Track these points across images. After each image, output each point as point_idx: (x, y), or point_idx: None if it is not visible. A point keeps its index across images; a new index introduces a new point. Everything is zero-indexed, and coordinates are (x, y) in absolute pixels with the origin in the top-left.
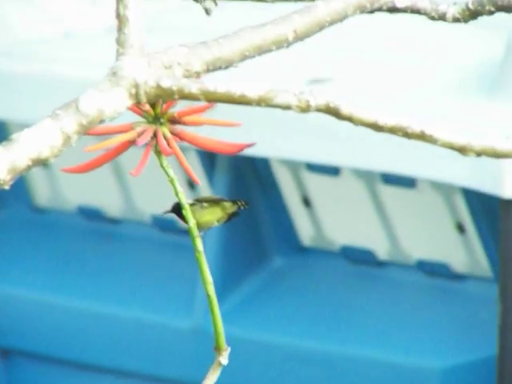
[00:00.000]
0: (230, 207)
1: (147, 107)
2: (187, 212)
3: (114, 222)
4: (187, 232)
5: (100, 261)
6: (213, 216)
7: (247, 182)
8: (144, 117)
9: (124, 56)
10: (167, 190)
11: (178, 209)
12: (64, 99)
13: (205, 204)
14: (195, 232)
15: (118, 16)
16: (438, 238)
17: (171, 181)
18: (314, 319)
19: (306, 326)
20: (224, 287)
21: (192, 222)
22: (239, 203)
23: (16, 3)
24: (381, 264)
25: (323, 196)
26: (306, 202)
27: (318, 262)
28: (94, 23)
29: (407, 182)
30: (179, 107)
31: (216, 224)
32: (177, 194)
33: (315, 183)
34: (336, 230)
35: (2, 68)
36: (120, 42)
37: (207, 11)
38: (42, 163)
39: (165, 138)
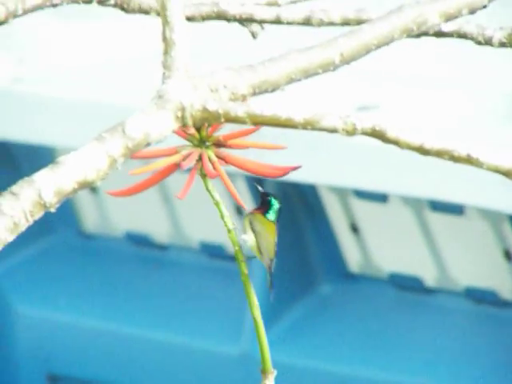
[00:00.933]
0: None
1: (193, 131)
2: (232, 235)
3: (162, 247)
4: (234, 258)
5: (148, 287)
6: None
7: (295, 208)
8: (189, 140)
9: (170, 79)
10: (215, 217)
11: None
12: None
13: None
14: (241, 256)
15: (165, 39)
16: (485, 265)
17: (216, 204)
18: (361, 346)
19: (352, 352)
20: (272, 314)
21: (238, 246)
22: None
23: (59, 31)
24: (428, 291)
25: (371, 223)
26: (354, 229)
27: (365, 288)
28: (136, 49)
29: (455, 209)
30: (225, 131)
31: None
32: (222, 218)
33: (363, 210)
34: (384, 256)
35: (48, 95)
36: (166, 66)
37: (253, 35)
38: (88, 186)
39: (210, 161)
